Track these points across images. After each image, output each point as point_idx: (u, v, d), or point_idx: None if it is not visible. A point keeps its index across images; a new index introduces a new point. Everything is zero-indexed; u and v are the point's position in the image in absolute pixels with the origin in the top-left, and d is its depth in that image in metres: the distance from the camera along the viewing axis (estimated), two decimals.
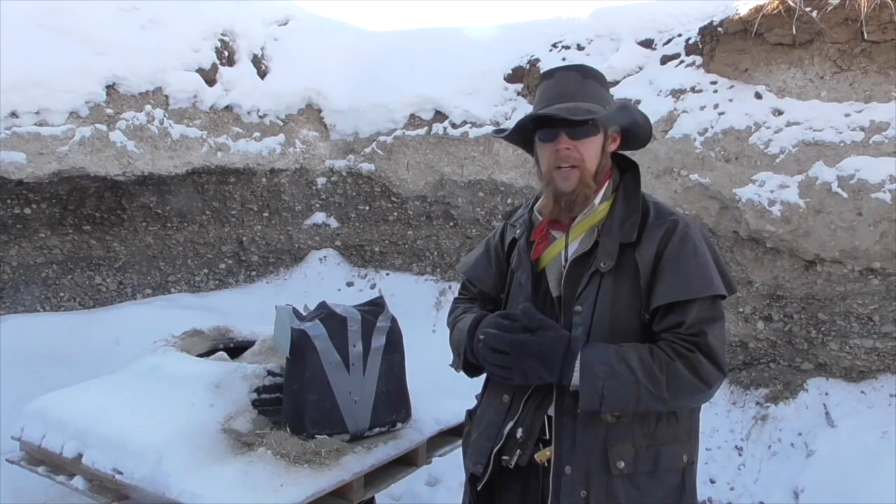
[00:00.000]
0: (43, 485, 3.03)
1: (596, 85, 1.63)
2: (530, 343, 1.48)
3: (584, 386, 1.46)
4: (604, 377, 1.45)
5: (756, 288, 4.27)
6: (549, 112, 1.55)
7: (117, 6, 5.12)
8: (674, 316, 1.52)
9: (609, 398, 1.45)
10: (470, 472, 1.71)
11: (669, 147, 4.48)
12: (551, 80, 1.64)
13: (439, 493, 3.60)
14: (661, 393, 1.47)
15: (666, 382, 1.47)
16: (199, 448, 2.38)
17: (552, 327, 1.51)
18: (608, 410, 1.48)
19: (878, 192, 3.76)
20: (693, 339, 1.50)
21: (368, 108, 5.73)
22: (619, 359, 1.47)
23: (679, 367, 1.48)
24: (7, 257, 4.89)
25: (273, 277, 5.90)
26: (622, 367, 1.46)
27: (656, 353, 1.49)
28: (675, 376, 1.47)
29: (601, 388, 1.45)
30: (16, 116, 4.33)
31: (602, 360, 1.47)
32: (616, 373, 1.46)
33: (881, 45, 3.93)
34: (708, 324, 1.52)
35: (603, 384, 1.45)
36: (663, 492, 1.55)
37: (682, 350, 1.49)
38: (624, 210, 1.61)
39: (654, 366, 1.47)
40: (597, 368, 1.46)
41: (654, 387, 1.46)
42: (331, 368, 2.48)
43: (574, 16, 5.76)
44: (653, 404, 1.48)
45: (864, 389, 3.89)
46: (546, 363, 1.47)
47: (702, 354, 1.49)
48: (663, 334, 1.53)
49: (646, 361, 1.47)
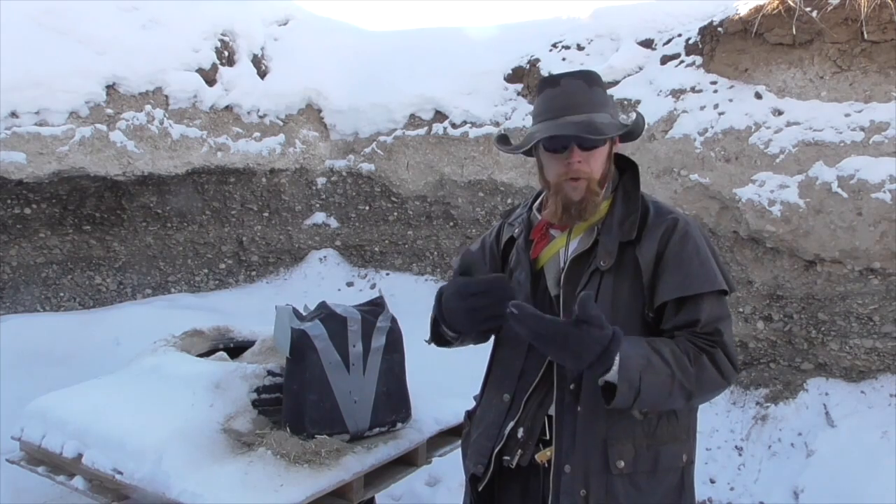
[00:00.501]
0: (43, 485, 3.03)
1: (601, 92, 1.63)
2: (571, 335, 1.37)
3: (622, 381, 1.39)
4: (640, 370, 1.40)
5: (756, 288, 4.27)
6: (566, 131, 1.54)
7: (117, 6, 5.12)
8: (686, 314, 1.52)
9: (645, 392, 1.41)
10: (471, 473, 1.70)
11: (669, 147, 4.48)
12: (557, 89, 1.61)
13: (439, 493, 3.60)
14: (692, 386, 1.45)
15: (695, 375, 1.46)
16: (199, 448, 2.38)
17: (602, 326, 1.38)
18: (641, 406, 1.45)
19: (878, 192, 3.76)
20: (712, 338, 1.51)
21: (368, 108, 5.73)
22: (653, 351, 1.44)
23: (706, 361, 1.47)
24: (7, 257, 4.89)
25: (273, 277, 5.90)
26: (657, 360, 1.43)
27: (683, 345, 1.49)
28: (703, 369, 1.47)
29: (637, 383, 1.40)
30: (16, 116, 4.33)
31: (639, 353, 1.42)
32: (652, 365, 1.42)
33: (881, 45, 3.93)
34: (722, 322, 1.53)
35: (640, 378, 1.40)
36: (662, 491, 1.55)
37: (704, 346, 1.49)
38: (623, 209, 1.61)
39: (684, 358, 1.46)
40: (633, 363, 1.40)
41: (686, 379, 1.45)
42: (331, 368, 2.48)
43: (574, 16, 5.76)
44: (680, 399, 1.47)
45: (864, 389, 3.89)
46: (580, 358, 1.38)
47: (721, 351, 1.50)
48: (677, 333, 1.53)
49: (677, 354, 1.46)
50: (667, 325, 1.55)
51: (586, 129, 1.53)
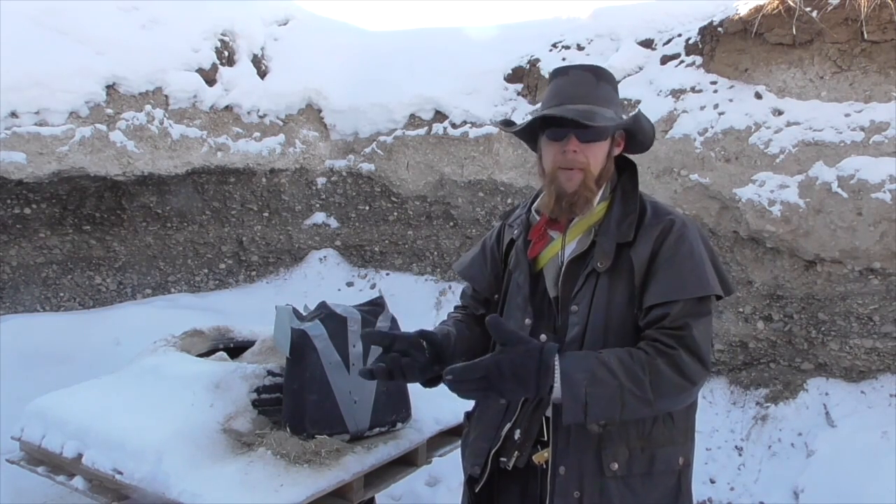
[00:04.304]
0: (43, 485, 3.03)
1: (609, 89, 1.62)
2: (501, 362, 1.35)
3: (566, 397, 1.36)
4: (585, 384, 1.36)
5: (756, 288, 4.27)
6: (564, 114, 1.52)
7: (117, 6, 5.12)
8: (658, 309, 1.48)
9: (593, 406, 1.37)
10: (468, 474, 1.70)
11: (669, 147, 4.48)
12: (566, 78, 1.61)
13: (439, 493, 3.60)
14: (646, 394, 1.40)
15: (650, 382, 1.40)
16: (199, 448, 2.38)
17: (521, 340, 1.39)
18: (593, 420, 1.41)
19: (878, 192, 3.76)
20: (676, 334, 1.45)
21: (368, 108, 5.73)
22: (600, 364, 1.39)
23: (661, 365, 1.41)
24: (7, 257, 4.89)
25: (273, 277, 5.90)
26: (603, 372, 1.38)
27: (635, 353, 1.44)
28: (658, 375, 1.41)
29: (584, 397, 1.36)
30: (16, 116, 4.33)
31: (582, 368, 1.38)
32: (597, 378, 1.37)
33: (881, 45, 3.93)
34: (693, 317, 1.47)
35: (585, 392, 1.36)
36: (658, 494, 1.53)
37: (663, 348, 1.44)
38: (621, 210, 1.60)
39: (634, 366, 1.41)
40: (577, 377, 1.37)
41: (638, 388, 1.39)
42: (331, 368, 2.48)
43: (574, 16, 5.77)
44: (639, 408, 1.42)
45: (864, 389, 3.89)
46: (521, 381, 1.36)
47: (685, 350, 1.43)
48: (647, 331, 1.49)
49: (626, 362, 1.41)
50: (641, 323, 1.51)
51: (584, 116, 1.51)
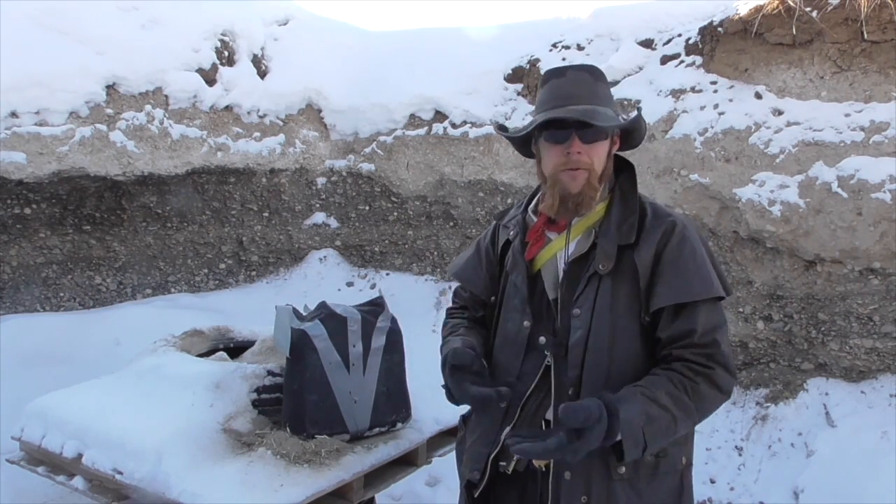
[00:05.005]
0: (43, 485, 3.03)
1: (606, 89, 1.63)
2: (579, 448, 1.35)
3: (627, 443, 1.39)
4: (642, 427, 1.39)
5: (756, 288, 4.26)
6: (569, 115, 1.52)
7: (117, 6, 5.12)
8: (682, 323, 1.51)
9: (651, 444, 1.42)
10: (466, 479, 1.68)
11: (669, 147, 4.48)
12: (562, 79, 1.61)
13: (439, 493, 3.60)
14: (692, 416, 1.47)
15: (695, 406, 1.46)
16: (199, 448, 2.38)
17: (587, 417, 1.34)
18: (651, 453, 1.47)
19: (878, 192, 3.76)
20: (708, 352, 1.49)
21: (368, 108, 5.73)
22: (649, 401, 1.42)
23: (702, 387, 1.47)
24: (7, 257, 4.89)
25: (273, 277, 5.90)
26: (655, 409, 1.42)
27: (677, 379, 1.47)
28: (702, 398, 1.47)
29: (643, 440, 1.40)
30: (16, 116, 4.33)
31: (636, 412, 1.40)
32: (651, 417, 1.41)
33: (881, 45, 3.93)
34: (718, 331, 1.52)
35: (643, 433, 1.40)
36: (662, 494, 1.54)
37: (700, 369, 1.48)
38: (621, 211, 1.60)
39: (681, 395, 1.45)
40: (634, 423, 1.39)
41: (686, 414, 1.45)
42: (331, 368, 2.48)
43: (574, 16, 5.77)
44: (687, 428, 1.50)
45: (864, 389, 3.89)
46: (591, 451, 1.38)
47: (719, 367, 1.49)
48: (675, 349, 1.51)
49: (673, 394, 1.45)
50: (662, 335, 1.53)
51: (590, 116, 1.51)
